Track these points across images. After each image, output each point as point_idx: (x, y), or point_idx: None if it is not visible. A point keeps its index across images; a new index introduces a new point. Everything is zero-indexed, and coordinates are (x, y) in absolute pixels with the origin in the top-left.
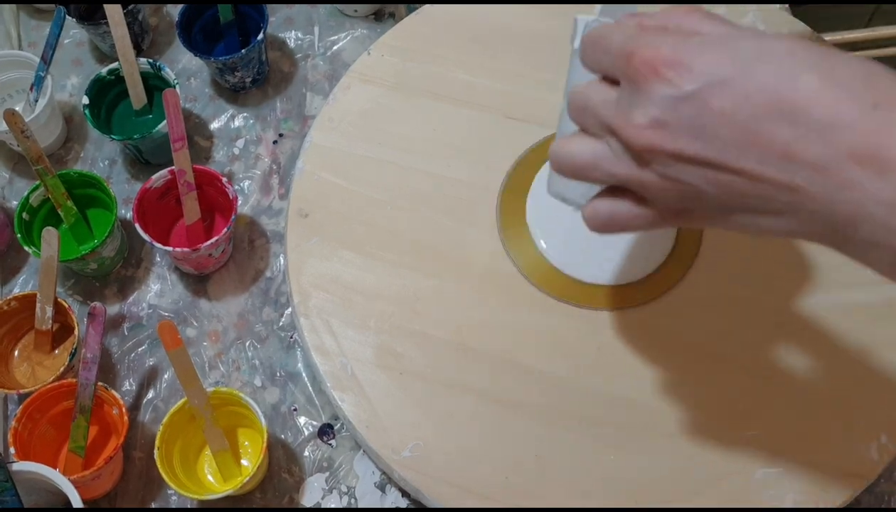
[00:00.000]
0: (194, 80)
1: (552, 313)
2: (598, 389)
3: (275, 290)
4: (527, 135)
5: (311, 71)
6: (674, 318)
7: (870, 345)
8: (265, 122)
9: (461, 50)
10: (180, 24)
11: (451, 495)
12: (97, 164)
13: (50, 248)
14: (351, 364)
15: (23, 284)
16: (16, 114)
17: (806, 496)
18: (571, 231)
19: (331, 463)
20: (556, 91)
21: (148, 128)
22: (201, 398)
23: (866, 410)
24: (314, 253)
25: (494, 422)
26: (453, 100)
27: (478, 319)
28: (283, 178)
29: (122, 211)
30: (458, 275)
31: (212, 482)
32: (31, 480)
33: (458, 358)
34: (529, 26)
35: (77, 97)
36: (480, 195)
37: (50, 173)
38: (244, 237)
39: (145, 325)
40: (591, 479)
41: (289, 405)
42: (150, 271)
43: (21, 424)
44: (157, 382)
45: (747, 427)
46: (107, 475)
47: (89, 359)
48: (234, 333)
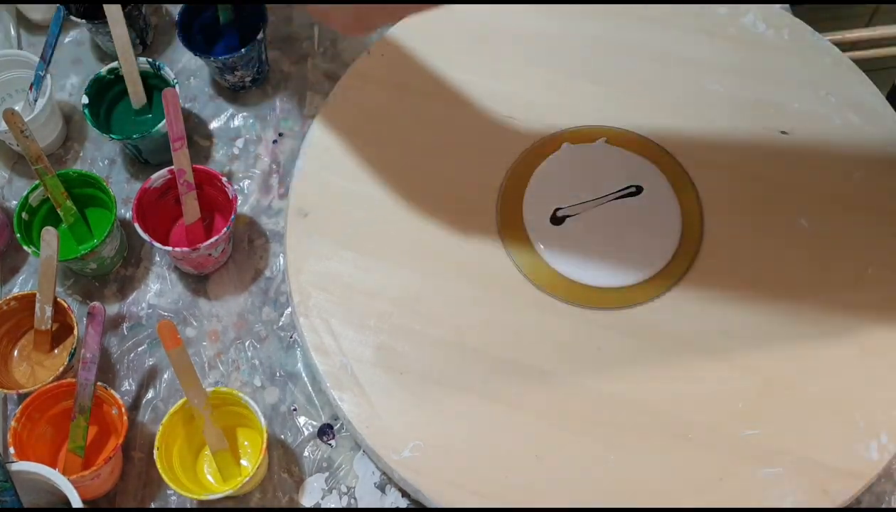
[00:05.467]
0: (194, 79)
1: (552, 313)
2: (598, 389)
3: (274, 289)
4: (526, 135)
5: (311, 71)
6: (674, 318)
7: (869, 345)
8: (265, 121)
9: (461, 50)
10: (180, 23)
11: (451, 495)
12: (96, 163)
13: (49, 248)
14: (351, 364)
15: (22, 283)
16: (15, 113)
17: (806, 496)
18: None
19: (330, 463)
20: (555, 91)
21: (147, 127)
22: (201, 398)
23: (866, 410)
24: (314, 253)
25: (495, 422)
26: (453, 100)
27: (478, 319)
28: (282, 177)
29: (122, 211)
30: (458, 275)
31: (211, 482)
32: (31, 480)
33: (458, 358)
34: (529, 26)
35: (77, 97)
36: (480, 195)
37: (49, 173)
38: (244, 237)
39: (145, 324)
40: (591, 479)
41: (288, 405)
42: (149, 271)
43: (20, 423)
44: (156, 381)
45: (747, 427)
46: (106, 475)
47: (89, 359)
48: (234, 333)
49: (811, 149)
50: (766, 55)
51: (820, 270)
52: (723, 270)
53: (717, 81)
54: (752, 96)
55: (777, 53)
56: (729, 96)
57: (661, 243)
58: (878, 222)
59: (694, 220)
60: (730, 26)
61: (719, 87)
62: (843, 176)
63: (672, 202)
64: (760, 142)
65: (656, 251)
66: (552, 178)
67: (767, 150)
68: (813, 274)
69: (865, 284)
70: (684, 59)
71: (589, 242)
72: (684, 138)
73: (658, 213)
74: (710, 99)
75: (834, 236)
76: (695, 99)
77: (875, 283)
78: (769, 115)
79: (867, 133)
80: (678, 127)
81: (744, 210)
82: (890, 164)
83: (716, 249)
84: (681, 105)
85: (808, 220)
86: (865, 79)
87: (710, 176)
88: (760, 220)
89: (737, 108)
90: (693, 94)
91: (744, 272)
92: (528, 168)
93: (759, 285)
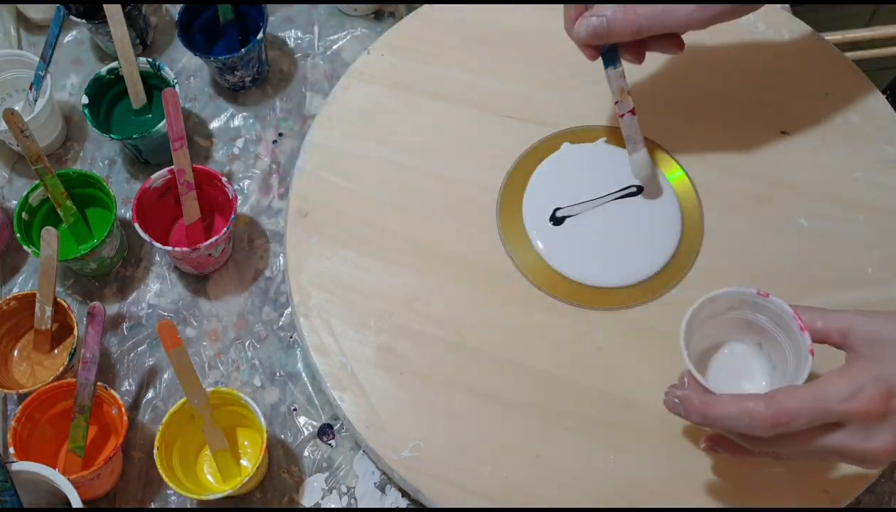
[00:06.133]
0: (194, 79)
1: (552, 313)
2: (597, 388)
3: (274, 289)
4: (527, 135)
5: (310, 70)
6: (674, 318)
7: None
8: (265, 121)
9: (461, 50)
10: (180, 23)
11: (451, 495)
12: (96, 163)
13: (49, 248)
14: (351, 364)
15: (22, 283)
16: (15, 113)
17: (806, 496)
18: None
19: (330, 463)
20: (555, 91)
21: (147, 127)
22: (201, 398)
23: None
24: (314, 252)
25: (495, 422)
26: (453, 99)
27: (478, 319)
28: (282, 177)
29: (122, 210)
30: (458, 275)
31: (211, 482)
32: (31, 480)
33: (458, 358)
34: (529, 26)
35: (77, 97)
36: (480, 195)
37: (49, 173)
38: (244, 237)
39: (145, 324)
40: (590, 479)
41: (288, 405)
42: (149, 271)
43: (20, 423)
44: (156, 381)
45: None
46: (106, 475)
47: (89, 359)
48: (234, 333)
49: (811, 149)
50: (766, 55)
51: (820, 270)
52: (723, 270)
53: (718, 81)
54: (752, 96)
55: (777, 53)
56: (729, 96)
57: (661, 243)
58: (877, 222)
59: (694, 220)
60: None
61: (719, 87)
62: (843, 176)
63: (672, 202)
64: (760, 142)
65: (656, 251)
66: (552, 179)
67: (767, 150)
68: (813, 274)
69: (865, 284)
70: (684, 59)
71: (589, 242)
72: (684, 138)
73: (658, 213)
74: (710, 99)
75: (834, 236)
76: (695, 99)
77: (875, 283)
78: (769, 115)
79: (867, 133)
80: (678, 127)
81: (744, 210)
82: (890, 164)
83: (716, 249)
84: (681, 105)
85: (808, 220)
86: (865, 79)
87: (710, 176)
88: (760, 219)
89: (737, 108)
90: (693, 94)
91: (744, 272)
92: (528, 168)
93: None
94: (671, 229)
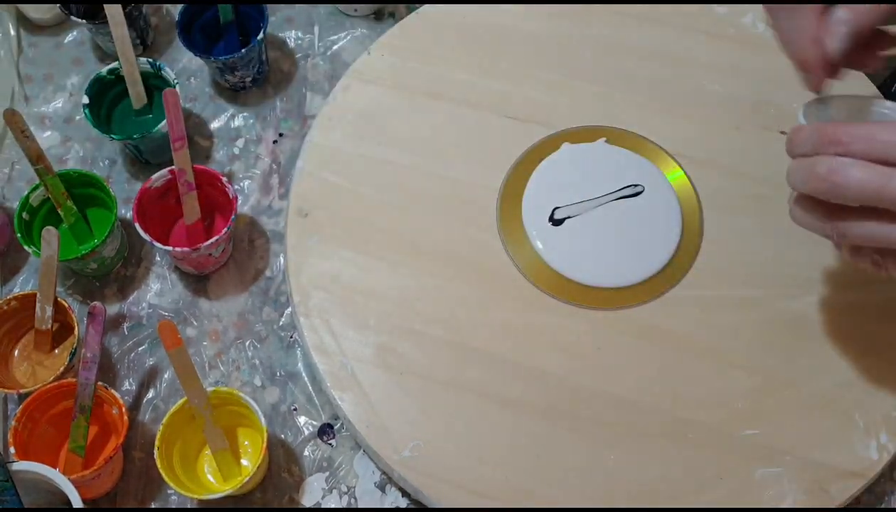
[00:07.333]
0: (194, 79)
1: (552, 313)
2: (597, 388)
3: (275, 289)
4: (526, 135)
5: (311, 71)
6: (674, 318)
7: (869, 345)
8: (265, 121)
9: (461, 50)
10: (180, 23)
11: (451, 495)
12: (97, 163)
13: (50, 248)
14: (351, 364)
15: (23, 283)
16: (16, 113)
17: (806, 496)
18: (568, 232)
19: (331, 463)
20: (556, 91)
21: (148, 127)
22: (201, 398)
23: (866, 410)
24: (314, 252)
25: (494, 422)
26: (453, 100)
27: (478, 319)
28: (283, 177)
29: (122, 210)
30: (458, 275)
31: (212, 482)
32: (31, 480)
33: (458, 358)
34: (529, 26)
35: (77, 97)
36: (480, 195)
37: (50, 173)
38: (244, 237)
39: (145, 324)
40: (591, 479)
41: (289, 405)
42: (149, 271)
43: (21, 423)
44: (156, 381)
45: (747, 427)
46: (107, 475)
47: (89, 358)
48: (234, 333)
49: None
50: (766, 55)
51: (820, 270)
52: (723, 270)
53: (717, 81)
54: (752, 96)
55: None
56: (729, 96)
57: (661, 243)
58: None
59: (694, 220)
60: (730, 26)
61: (719, 87)
62: None
63: (672, 202)
64: (760, 142)
65: (656, 251)
66: (552, 178)
67: (767, 150)
68: (813, 274)
69: (865, 284)
70: (684, 59)
71: (589, 242)
72: (684, 138)
73: (658, 213)
74: (710, 99)
75: None
76: (695, 99)
77: (875, 283)
78: (769, 115)
79: None
80: (678, 127)
81: (744, 210)
82: None
83: (716, 249)
84: (681, 105)
85: None
86: (865, 79)
87: (710, 176)
88: (760, 220)
89: (737, 108)
90: (693, 94)
91: (743, 272)
92: (527, 168)
93: (758, 285)
94: (671, 229)
